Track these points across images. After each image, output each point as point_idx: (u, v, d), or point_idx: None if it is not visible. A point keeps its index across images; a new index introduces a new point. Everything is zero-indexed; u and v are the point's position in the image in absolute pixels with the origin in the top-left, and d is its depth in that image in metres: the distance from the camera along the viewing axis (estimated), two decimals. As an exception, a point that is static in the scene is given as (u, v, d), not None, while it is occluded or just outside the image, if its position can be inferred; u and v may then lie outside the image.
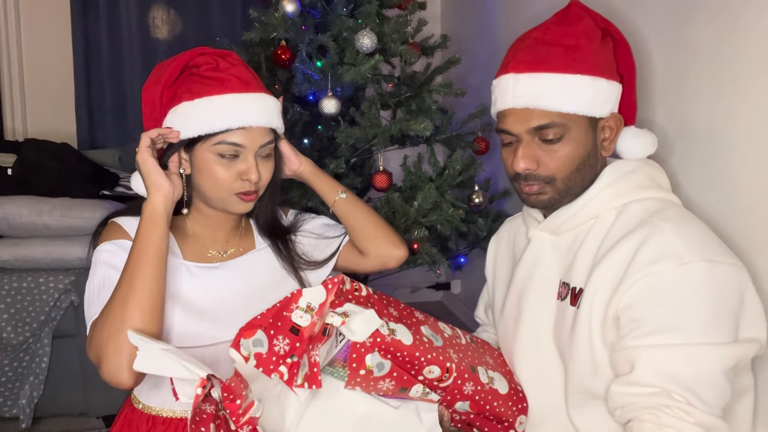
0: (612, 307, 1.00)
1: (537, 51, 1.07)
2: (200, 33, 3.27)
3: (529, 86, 1.05)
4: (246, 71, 1.16)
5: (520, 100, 1.06)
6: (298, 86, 2.09)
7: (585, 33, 1.08)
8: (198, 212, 1.19)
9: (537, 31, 1.11)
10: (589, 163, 1.09)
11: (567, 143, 1.05)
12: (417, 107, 2.16)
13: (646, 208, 1.05)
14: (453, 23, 3.12)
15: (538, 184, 1.08)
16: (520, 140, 1.07)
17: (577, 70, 1.05)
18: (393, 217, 1.99)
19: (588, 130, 1.07)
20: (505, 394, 1.11)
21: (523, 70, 1.07)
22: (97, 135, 3.21)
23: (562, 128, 1.04)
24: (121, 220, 1.15)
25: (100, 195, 2.42)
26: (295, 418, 1.03)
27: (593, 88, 1.05)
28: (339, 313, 0.97)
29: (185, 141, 1.11)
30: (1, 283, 2.13)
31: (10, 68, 3.15)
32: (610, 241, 1.04)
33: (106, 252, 1.11)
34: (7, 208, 2.13)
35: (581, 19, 1.09)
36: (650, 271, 0.96)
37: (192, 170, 1.14)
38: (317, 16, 2.16)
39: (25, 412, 2.17)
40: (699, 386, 0.92)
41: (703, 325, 0.94)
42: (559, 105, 1.04)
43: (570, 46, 1.06)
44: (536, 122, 1.05)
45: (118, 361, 0.98)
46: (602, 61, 1.08)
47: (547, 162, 1.06)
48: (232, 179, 1.12)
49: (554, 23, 1.11)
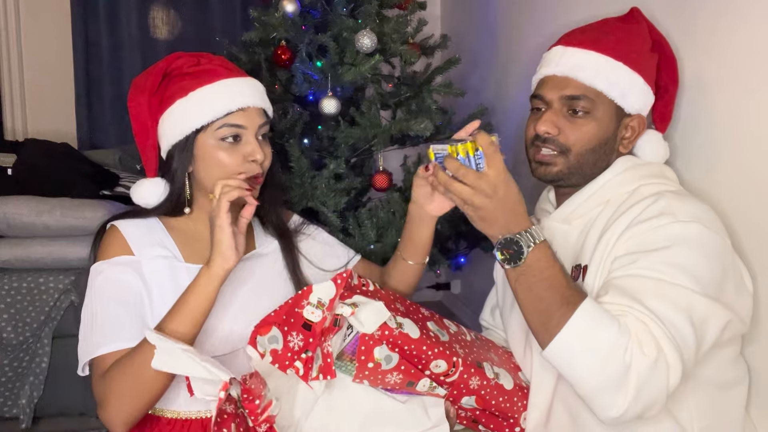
0: (611, 257, 1.04)
1: (591, 32, 1.16)
2: (200, 33, 3.27)
3: (574, 58, 1.12)
4: (228, 62, 1.20)
5: (561, 68, 1.12)
6: (298, 86, 2.08)
7: (639, 34, 1.16)
8: (201, 211, 1.19)
9: (598, 21, 1.20)
10: (605, 150, 1.13)
11: (591, 120, 1.10)
12: (417, 107, 2.16)
13: (653, 190, 1.09)
14: (453, 23, 3.12)
15: (553, 150, 1.12)
16: (549, 107, 1.13)
17: (621, 59, 1.11)
18: (393, 217, 1.99)
19: (613, 118, 1.12)
20: (510, 389, 1.12)
21: (573, 44, 1.14)
22: (97, 135, 3.22)
23: (591, 104, 1.10)
24: (120, 224, 1.15)
25: (100, 195, 2.42)
26: (304, 412, 1.03)
27: (630, 80, 1.11)
28: (348, 304, 0.99)
29: (191, 136, 1.12)
30: (1, 283, 2.13)
31: (10, 68, 3.15)
32: (616, 215, 1.08)
33: (102, 278, 1.10)
34: (7, 208, 2.13)
35: (639, 22, 1.18)
36: (647, 225, 1.01)
37: (194, 164, 1.14)
38: (317, 16, 2.16)
39: (25, 412, 2.17)
40: (662, 314, 0.93)
41: (684, 271, 0.96)
42: (595, 81, 1.10)
43: (622, 38, 1.13)
44: (570, 91, 1.11)
45: (120, 415, 1.02)
46: (645, 64, 1.14)
47: (568, 132, 1.11)
48: (238, 163, 1.12)
49: (616, 19, 1.20)
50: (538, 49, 2.13)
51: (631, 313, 0.94)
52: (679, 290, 0.95)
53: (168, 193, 1.16)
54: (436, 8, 3.24)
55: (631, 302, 0.95)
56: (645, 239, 1.01)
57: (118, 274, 1.10)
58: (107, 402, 1.03)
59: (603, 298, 0.99)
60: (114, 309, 1.08)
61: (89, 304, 1.10)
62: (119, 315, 1.08)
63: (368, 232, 1.96)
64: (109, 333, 1.06)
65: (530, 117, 1.18)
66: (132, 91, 1.16)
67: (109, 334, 1.06)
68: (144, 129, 1.15)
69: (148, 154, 1.16)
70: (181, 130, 1.12)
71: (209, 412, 1.13)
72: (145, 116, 1.14)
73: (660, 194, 1.06)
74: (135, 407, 1.03)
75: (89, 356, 1.07)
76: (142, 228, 1.15)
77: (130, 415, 1.03)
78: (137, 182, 1.17)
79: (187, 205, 1.17)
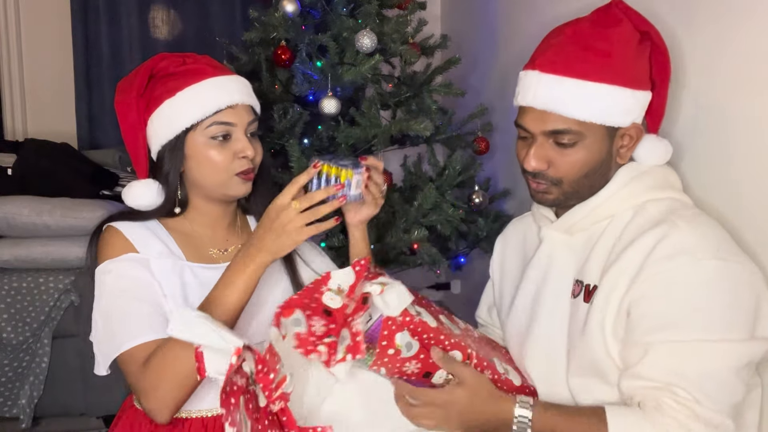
0: (626, 301, 1.00)
1: (566, 52, 1.05)
2: (200, 33, 3.27)
3: (550, 89, 1.04)
4: (214, 60, 1.20)
5: (539, 101, 1.05)
6: (298, 86, 2.08)
7: (621, 38, 1.04)
8: (196, 211, 1.20)
9: (571, 27, 1.08)
10: (600, 171, 1.08)
11: (580, 149, 1.05)
12: (417, 107, 2.16)
13: (661, 208, 1.05)
14: (453, 23, 3.12)
15: (546, 183, 1.08)
16: (534, 139, 1.07)
17: (604, 79, 1.02)
18: (393, 217, 1.99)
19: (605, 138, 1.06)
20: (518, 386, 1.12)
21: (547, 70, 1.05)
22: (97, 135, 3.21)
23: (577, 135, 1.03)
24: (119, 225, 1.15)
25: (100, 195, 2.42)
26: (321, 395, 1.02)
27: (617, 98, 1.03)
28: (377, 283, 0.97)
29: (181, 136, 1.12)
30: (1, 283, 2.13)
31: (10, 68, 3.15)
32: (626, 239, 1.04)
33: (114, 276, 1.10)
34: (7, 208, 2.13)
35: (620, 22, 1.05)
36: (665, 267, 0.97)
37: (186, 163, 1.14)
38: (317, 16, 2.16)
39: (25, 412, 2.17)
40: (706, 383, 0.92)
41: (712, 321, 0.94)
42: (577, 113, 1.02)
43: (602, 51, 1.03)
44: (552, 126, 1.04)
45: (167, 401, 1.02)
46: (634, 70, 1.06)
47: (557, 164, 1.06)
48: (229, 160, 1.13)
49: (591, 22, 1.07)
50: (538, 49, 2.13)
51: (673, 397, 0.92)
52: (717, 347, 0.93)
53: (164, 195, 1.16)
54: (436, 8, 3.24)
55: (672, 379, 0.93)
56: (667, 286, 0.96)
57: (129, 270, 1.10)
58: (155, 390, 1.01)
59: (639, 368, 0.96)
60: (135, 302, 1.07)
61: (103, 303, 1.09)
62: (141, 308, 1.07)
63: (368, 232, 1.96)
64: (134, 325, 1.05)
65: (519, 142, 1.12)
66: (118, 94, 1.16)
67: (136, 327, 1.05)
68: (133, 131, 1.15)
69: (138, 155, 1.16)
70: (170, 130, 1.12)
71: (209, 411, 1.14)
72: (133, 118, 1.14)
73: (670, 222, 1.00)
74: (185, 391, 1.02)
75: (117, 352, 1.05)
76: (141, 227, 1.15)
77: (179, 400, 1.02)
78: (128, 184, 1.17)
79: (178, 205, 1.17)
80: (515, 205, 2.37)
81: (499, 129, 2.45)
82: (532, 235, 1.25)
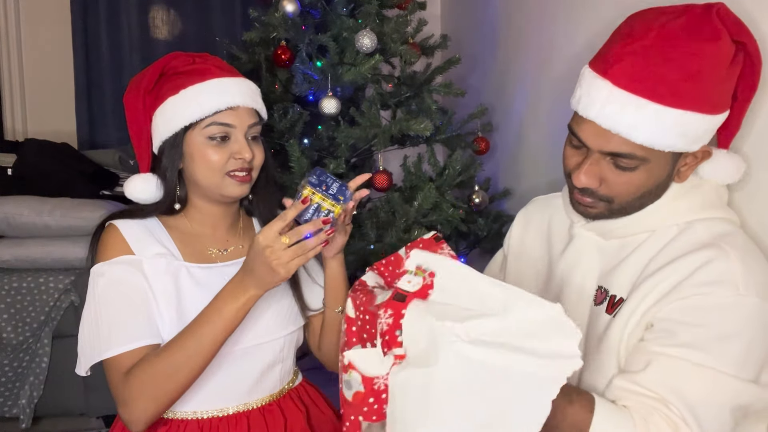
0: (649, 315, 0.96)
1: (647, 67, 0.91)
2: (200, 33, 3.27)
3: (623, 109, 0.92)
4: (223, 62, 1.20)
5: (606, 120, 0.93)
6: (298, 86, 2.09)
7: (714, 58, 0.91)
8: (195, 209, 1.20)
9: (659, 28, 0.92)
10: (656, 192, 1.00)
11: (641, 173, 0.96)
12: (417, 107, 2.16)
13: (711, 230, 0.99)
14: (453, 23, 3.12)
15: (593, 199, 1.01)
16: (589, 154, 0.98)
17: (684, 105, 0.91)
18: (393, 217, 1.99)
19: (668, 162, 0.97)
20: None
21: (622, 86, 0.92)
22: (97, 135, 3.21)
23: (640, 161, 0.95)
24: (119, 223, 1.15)
25: (100, 195, 2.42)
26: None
27: (692, 125, 0.92)
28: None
29: (180, 133, 1.12)
30: (1, 283, 2.13)
31: (10, 68, 3.15)
32: (666, 256, 0.98)
33: (106, 280, 1.10)
34: (7, 208, 2.13)
35: (717, 37, 0.91)
36: (704, 291, 0.92)
37: (185, 161, 1.15)
38: (317, 16, 2.16)
39: (25, 412, 2.17)
40: (702, 410, 0.89)
41: (731, 355, 0.90)
42: (648, 140, 0.92)
43: (689, 73, 0.90)
44: (614, 148, 0.94)
45: (145, 414, 1.03)
46: (719, 94, 0.94)
47: (611, 184, 0.98)
48: (224, 160, 1.13)
49: (683, 30, 0.91)
50: (538, 49, 2.13)
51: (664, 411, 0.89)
52: (726, 380, 0.89)
53: (163, 191, 1.16)
54: (436, 8, 3.24)
55: (669, 395, 0.89)
56: (699, 309, 0.92)
57: (122, 274, 1.10)
58: (134, 402, 1.03)
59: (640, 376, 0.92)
60: (124, 308, 1.08)
61: (93, 305, 1.10)
62: (130, 314, 1.08)
63: (368, 232, 1.97)
64: (121, 332, 1.06)
65: (568, 147, 1.02)
66: (129, 89, 1.17)
67: (122, 334, 1.06)
68: (138, 126, 1.16)
69: (141, 150, 1.17)
70: (170, 127, 1.12)
71: (206, 413, 1.14)
72: (140, 113, 1.15)
73: (719, 248, 0.94)
74: (163, 406, 1.04)
75: (99, 357, 1.07)
76: (140, 226, 1.16)
77: (156, 414, 1.04)
78: (130, 178, 1.18)
79: (177, 202, 1.18)
80: (515, 205, 2.37)
81: (499, 129, 2.45)
82: (561, 226, 1.19)
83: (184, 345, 1.03)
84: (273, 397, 1.21)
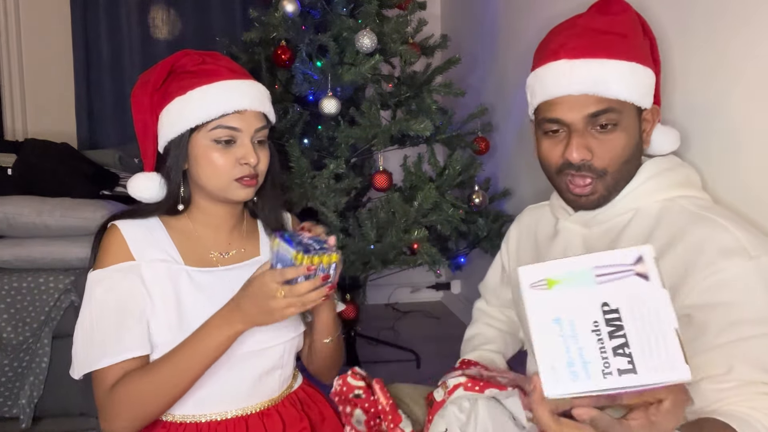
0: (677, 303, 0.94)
1: (591, 37, 1.04)
2: (200, 33, 3.27)
3: (589, 71, 1.02)
4: (233, 63, 1.18)
5: (578, 86, 1.02)
6: (298, 86, 2.09)
7: (631, 23, 1.07)
8: (198, 210, 1.19)
9: (582, 18, 1.08)
10: (636, 156, 1.07)
11: (620, 132, 1.03)
12: (417, 107, 2.16)
13: (696, 204, 1.04)
14: (453, 23, 3.12)
15: (591, 177, 1.05)
16: (573, 129, 1.04)
17: (633, 58, 1.03)
18: (393, 217, 1.99)
19: (636, 119, 1.05)
20: None
21: (578, 56, 1.03)
22: (97, 135, 3.22)
23: (617, 115, 1.02)
24: (121, 224, 1.14)
25: (100, 195, 2.42)
26: None
27: (642, 76, 1.04)
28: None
29: (186, 135, 1.12)
30: (1, 283, 2.13)
31: (10, 68, 3.15)
32: (664, 235, 1.02)
33: (103, 288, 1.10)
34: (7, 208, 2.13)
35: (625, 9, 1.08)
36: (720, 267, 0.94)
37: (189, 162, 1.14)
38: (317, 16, 2.16)
39: (25, 412, 2.17)
40: None
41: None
42: (618, 92, 1.01)
43: (620, 33, 1.04)
44: (594, 108, 1.02)
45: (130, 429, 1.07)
46: (646, 50, 1.08)
47: (600, 152, 1.03)
48: (230, 165, 1.12)
49: (598, 12, 1.09)
50: (538, 49, 2.13)
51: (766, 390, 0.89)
52: None
53: (166, 190, 1.16)
54: (436, 8, 3.24)
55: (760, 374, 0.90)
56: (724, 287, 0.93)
57: (118, 283, 1.10)
58: (114, 420, 1.06)
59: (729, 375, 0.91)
60: (116, 319, 1.08)
61: (88, 313, 1.10)
62: (122, 326, 1.08)
63: (368, 232, 1.97)
64: (112, 344, 1.07)
65: (544, 141, 1.08)
66: (137, 85, 1.16)
67: (112, 346, 1.07)
68: (144, 123, 1.15)
69: (146, 148, 1.16)
70: (177, 128, 1.12)
71: (204, 416, 1.14)
72: (146, 111, 1.14)
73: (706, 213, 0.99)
74: (142, 424, 1.08)
75: (91, 367, 1.08)
76: (142, 228, 1.15)
77: (137, 429, 1.07)
78: (133, 176, 1.17)
79: (181, 202, 1.17)
80: (515, 205, 2.37)
81: (499, 129, 2.45)
82: (546, 226, 1.23)
83: (168, 371, 1.05)
84: (272, 401, 1.20)
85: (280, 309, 1.00)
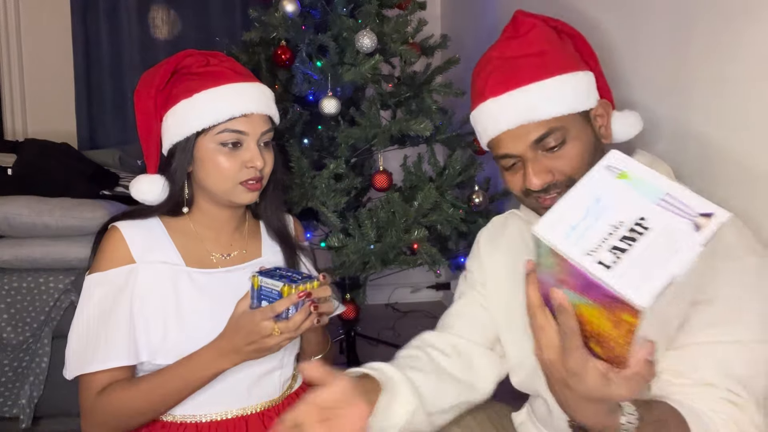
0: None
1: (508, 68, 1.05)
2: (200, 33, 3.27)
3: (515, 104, 1.03)
4: (238, 65, 1.18)
5: (511, 120, 1.03)
6: (298, 86, 2.09)
7: (543, 37, 1.07)
8: (200, 212, 1.19)
9: (496, 50, 1.10)
10: (596, 153, 1.06)
11: (573, 143, 1.03)
12: (417, 107, 2.16)
13: None
14: (453, 23, 3.12)
15: (558, 190, 1.04)
16: (525, 158, 1.04)
17: (553, 73, 1.03)
18: (393, 217, 1.99)
19: (584, 124, 1.05)
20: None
21: (501, 92, 1.04)
22: (97, 135, 3.22)
23: (561, 132, 1.02)
24: (122, 225, 1.14)
25: (100, 195, 2.42)
26: None
27: (573, 84, 1.04)
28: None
29: (192, 138, 1.11)
30: (1, 283, 2.13)
31: (10, 68, 3.16)
32: None
33: (99, 294, 1.11)
34: (7, 208, 2.13)
35: (533, 26, 1.08)
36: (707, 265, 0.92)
37: (194, 165, 1.14)
38: (317, 16, 2.16)
39: (25, 412, 2.17)
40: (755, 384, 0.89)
41: (756, 321, 0.91)
42: (550, 111, 1.01)
43: (538, 53, 1.05)
44: (534, 134, 1.02)
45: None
46: (569, 56, 1.08)
47: (560, 168, 1.03)
48: (237, 169, 1.12)
49: (508, 38, 1.10)
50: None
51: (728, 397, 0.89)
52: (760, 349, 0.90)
53: (168, 192, 1.16)
54: (436, 8, 3.24)
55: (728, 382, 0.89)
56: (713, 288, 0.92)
57: (115, 288, 1.10)
58: (102, 423, 1.08)
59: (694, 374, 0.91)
60: (110, 325, 1.09)
61: (84, 316, 1.11)
62: (114, 332, 1.09)
63: (368, 232, 1.96)
64: (102, 350, 1.08)
65: (505, 174, 1.09)
66: (140, 85, 1.15)
67: (102, 352, 1.08)
68: (147, 124, 1.14)
69: (149, 149, 1.16)
70: (182, 131, 1.11)
71: (204, 416, 1.14)
72: (150, 112, 1.13)
73: None
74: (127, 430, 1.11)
75: (82, 371, 1.09)
76: (143, 229, 1.15)
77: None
78: (136, 177, 1.17)
79: (185, 205, 1.17)
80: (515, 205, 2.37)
81: (499, 129, 2.45)
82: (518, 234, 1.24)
83: (157, 389, 1.07)
84: (272, 402, 1.20)
85: (277, 344, 1.03)
